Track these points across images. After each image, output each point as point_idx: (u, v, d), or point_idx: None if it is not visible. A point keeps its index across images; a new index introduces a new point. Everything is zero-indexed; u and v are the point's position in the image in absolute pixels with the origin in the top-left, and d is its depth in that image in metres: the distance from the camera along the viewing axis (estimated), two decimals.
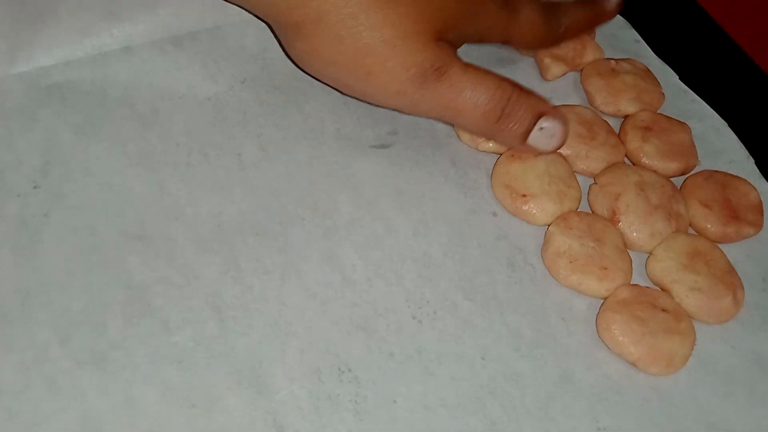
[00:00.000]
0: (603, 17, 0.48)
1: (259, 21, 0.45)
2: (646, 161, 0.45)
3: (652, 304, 0.39)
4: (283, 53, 0.45)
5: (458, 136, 0.45)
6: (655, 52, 0.53)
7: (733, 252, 0.42)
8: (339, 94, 0.46)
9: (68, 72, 0.42)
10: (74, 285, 0.35)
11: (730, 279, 0.40)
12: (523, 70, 0.50)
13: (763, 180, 0.46)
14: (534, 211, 0.42)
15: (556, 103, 0.48)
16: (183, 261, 0.37)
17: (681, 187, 0.45)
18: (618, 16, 0.55)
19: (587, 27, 0.48)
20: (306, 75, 0.45)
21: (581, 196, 0.43)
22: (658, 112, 0.48)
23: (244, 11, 0.44)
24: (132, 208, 0.38)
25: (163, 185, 0.39)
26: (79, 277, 0.35)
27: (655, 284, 0.41)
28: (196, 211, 0.39)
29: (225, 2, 0.44)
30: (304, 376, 0.34)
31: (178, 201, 0.39)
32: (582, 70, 0.50)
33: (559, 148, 0.43)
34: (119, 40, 0.43)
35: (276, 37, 0.43)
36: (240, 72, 0.44)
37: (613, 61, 0.50)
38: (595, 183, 0.44)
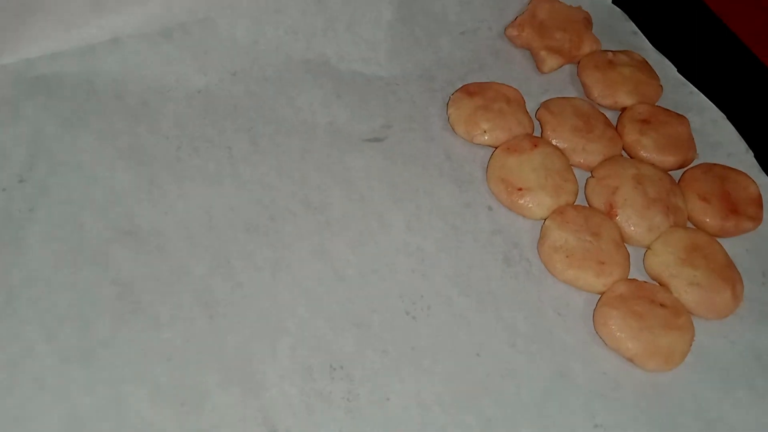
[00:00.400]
0: None
1: (252, 12, 0.44)
2: (644, 154, 0.45)
3: (650, 299, 0.38)
4: (274, 44, 0.45)
5: (453, 129, 0.45)
6: (652, 44, 0.52)
7: (732, 246, 0.42)
8: (332, 86, 0.45)
9: (55, 64, 0.41)
10: (61, 281, 0.34)
11: (729, 273, 0.39)
12: (519, 63, 0.50)
13: (763, 173, 0.46)
14: (530, 205, 0.41)
15: (553, 95, 0.48)
16: (172, 257, 0.36)
17: (679, 181, 0.44)
18: (615, 7, 0.54)
19: None
20: (297, 67, 0.44)
21: (578, 190, 0.43)
22: (656, 104, 0.48)
23: (234, 1, 0.44)
24: (120, 203, 0.37)
25: (152, 179, 0.39)
26: (65, 273, 0.35)
27: (653, 279, 0.40)
28: (186, 206, 0.38)
29: None
30: (296, 373, 0.34)
31: (167, 195, 0.38)
32: (579, 63, 0.49)
33: None
34: (107, 31, 0.42)
35: None
36: (230, 64, 0.44)
37: (610, 53, 0.49)
38: (592, 176, 0.43)
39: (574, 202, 0.42)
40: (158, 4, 0.42)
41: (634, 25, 0.53)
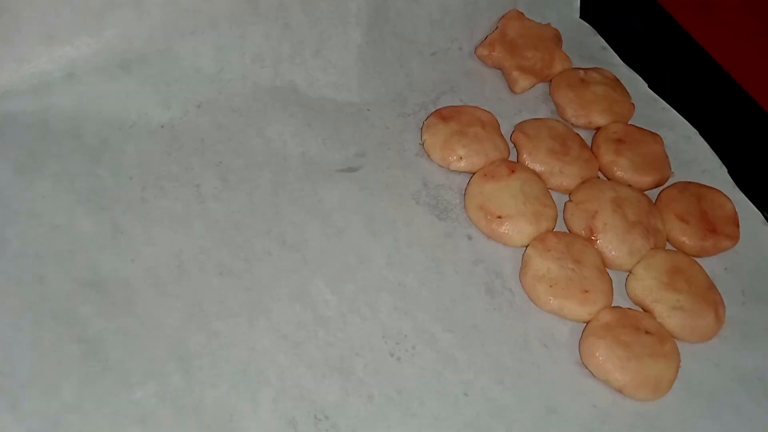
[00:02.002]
0: None
1: (215, 40, 0.42)
2: (620, 174, 0.44)
3: (636, 327, 0.37)
4: (240, 73, 0.43)
5: (428, 156, 0.44)
6: (622, 59, 0.52)
7: (710, 265, 0.42)
8: (302, 115, 0.43)
9: (6, 103, 0.38)
10: (22, 342, 0.32)
11: (711, 296, 0.39)
12: (491, 83, 0.49)
13: (737, 189, 0.46)
14: (510, 233, 0.41)
15: (526, 116, 0.47)
16: (141, 308, 0.34)
17: (656, 201, 0.44)
18: (583, 22, 0.54)
19: None
20: (265, 96, 0.43)
21: (557, 215, 0.42)
22: (629, 122, 0.47)
23: (197, 30, 0.42)
24: (83, 252, 0.35)
25: (116, 224, 0.36)
26: (27, 332, 0.32)
27: (637, 304, 0.40)
28: (153, 251, 0.36)
29: (176, 21, 0.41)
30: (279, 427, 0.32)
31: (133, 241, 0.36)
32: (551, 81, 0.49)
33: None
34: (61, 65, 0.39)
35: None
36: (195, 96, 0.41)
37: (581, 71, 0.49)
38: (571, 200, 0.43)
39: (554, 227, 0.42)
40: (115, 34, 0.40)
41: (603, 40, 0.53)
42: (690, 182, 0.45)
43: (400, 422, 0.33)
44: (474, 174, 0.43)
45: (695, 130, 0.48)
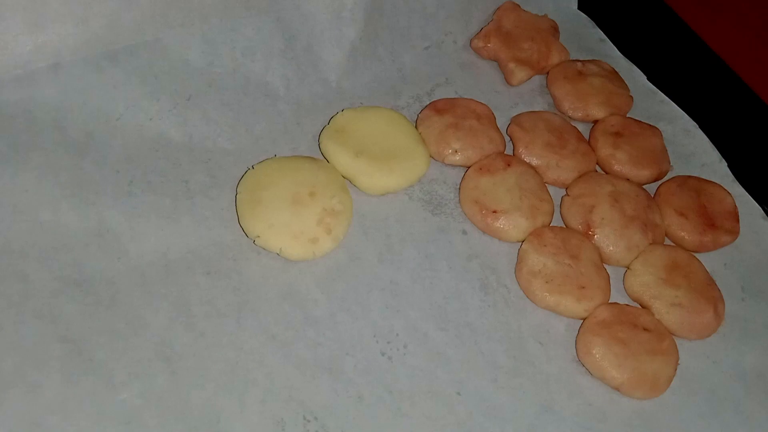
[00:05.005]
0: None
1: (205, 32, 0.41)
2: (618, 168, 0.43)
3: (633, 324, 0.37)
4: (231, 66, 0.42)
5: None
6: (620, 51, 0.51)
7: (710, 261, 0.41)
8: (293, 110, 0.43)
9: None
10: (4, 341, 0.31)
11: (710, 292, 0.38)
12: (487, 75, 0.48)
13: (737, 183, 0.45)
14: (506, 228, 0.40)
15: (523, 109, 0.46)
16: (127, 307, 0.33)
17: (655, 195, 0.43)
18: (581, 13, 0.53)
19: None
20: (256, 90, 0.42)
21: (554, 209, 0.41)
22: (627, 115, 0.46)
23: (187, 22, 0.40)
24: (67, 249, 0.34)
25: (101, 220, 0.36)
26: (8, 332, 0.32)
27: (634, 300, 0.39)
28: (139, 249, 0.35)
29: (165, 11, 0.40)
30: (267, 428, 0.31)
31: (119, 238, 0.35)
32: (548, 74, 0.48)
33: None
34: (47, 55, 0.38)
35: None
36: (184, 88, 0.40)
37: (579, 63, 0.48)
38: (567, 195, 0.42)
39: (551, 222, 0.41)
40: (102, 24, 0.39)
41: (601, 32, 0.52)
42: (689, 176, 0.44)
43: (391, 423, 0.33)
44: (469, 168, 0.42)
45: (695, 123, 0.47)
